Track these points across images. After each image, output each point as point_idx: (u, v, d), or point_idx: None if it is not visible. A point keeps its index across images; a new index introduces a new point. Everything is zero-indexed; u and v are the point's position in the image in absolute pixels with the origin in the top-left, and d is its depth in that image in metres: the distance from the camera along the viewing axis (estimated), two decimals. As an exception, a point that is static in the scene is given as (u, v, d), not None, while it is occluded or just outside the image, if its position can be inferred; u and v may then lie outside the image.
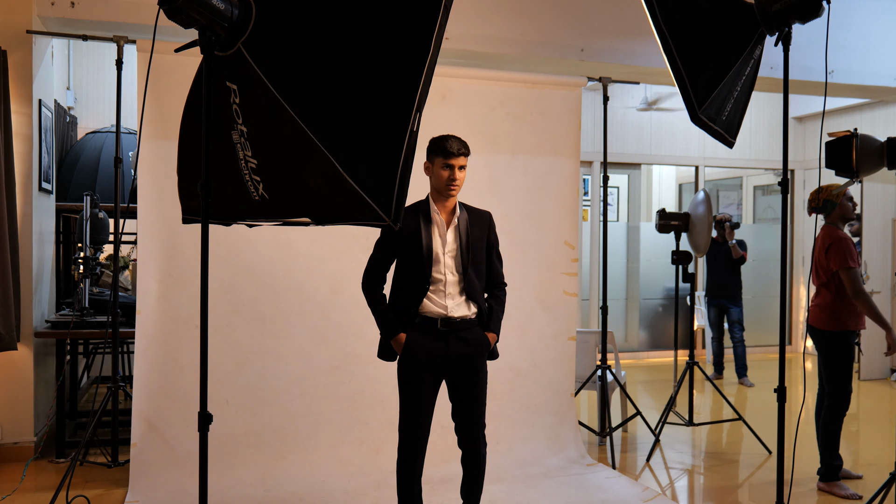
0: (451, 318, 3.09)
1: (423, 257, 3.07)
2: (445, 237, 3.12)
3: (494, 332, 3.20)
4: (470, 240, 3.14)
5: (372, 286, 3.18)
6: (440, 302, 3.09)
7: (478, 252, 3.17)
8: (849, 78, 6.30)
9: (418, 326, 3.09)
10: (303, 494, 4.04)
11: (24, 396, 4.58)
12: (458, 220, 3.15)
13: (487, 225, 3.24)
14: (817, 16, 2.81)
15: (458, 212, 3.16)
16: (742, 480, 4.58)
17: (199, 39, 2.32)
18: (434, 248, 3.09)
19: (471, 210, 3.23)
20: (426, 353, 3.08)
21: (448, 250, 3.11)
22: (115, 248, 4.08)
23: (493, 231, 3.27)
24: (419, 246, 3.08)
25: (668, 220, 5.39)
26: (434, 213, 3.13)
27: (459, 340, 3.11)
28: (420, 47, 2.23)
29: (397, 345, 3.11)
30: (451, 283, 3.10)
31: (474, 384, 3.17)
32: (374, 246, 3.21)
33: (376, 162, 2.29)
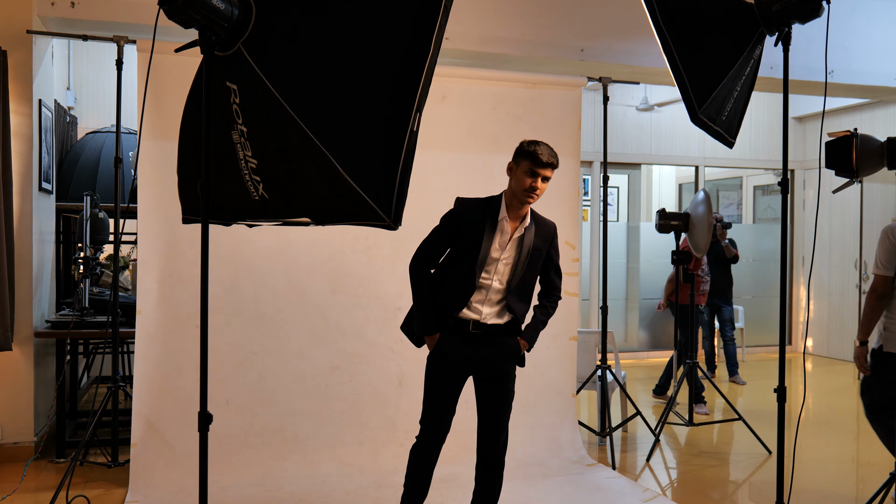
0: (482, 324, 3.05)
1: (478, 264, 2.99)
2: (506, 246, 3.04)
3: (527, 340, 3.13)
4: (529, 254, 3.06)
5: (420, 272, 3.07)
6: (478, 308, 3.04)
7: (534, 266, 3.10)
8: (849, 78, 6.30)
9: (451, 328, 3.05)
10: (303, 494, 4.04)
11: (24, 396, 4.57)
12: (525, 232, 3.06)
13: (551, 238, 3.16)
14: (817, 16, 2.81)
15: (526, 221, 3.08)
16: (742, 480, 4.58)
17: (199, 39, 2.32)
18: (490, 256, 3.01)
19: (538, 221, 3.14)
20: (455, 353, 3.05)
21: (503, 258, 3.03)
22: (115, 248, 4.08)
23: (555, 244, 3.19)
24: (477, 251, 2.99)
25: (668, 220, 5.39)
26: (503, 219, 3.04)
27: (490, 344, 3.07)
28: (420, 47, 2.23)
29: (429, 342, 3.08)
30: (495, 290, 3.04)
31: (501, 387, 3.12)
32: (432, 230, 3.10)
33: (376, 162, 2.29)
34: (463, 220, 3.03)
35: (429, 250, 3.09)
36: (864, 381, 3.98)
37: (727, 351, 7.56)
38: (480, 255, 2.98)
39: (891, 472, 3.51)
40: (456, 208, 3.08)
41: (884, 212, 7.84)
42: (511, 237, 3.04)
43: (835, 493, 4.37)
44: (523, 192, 2.99)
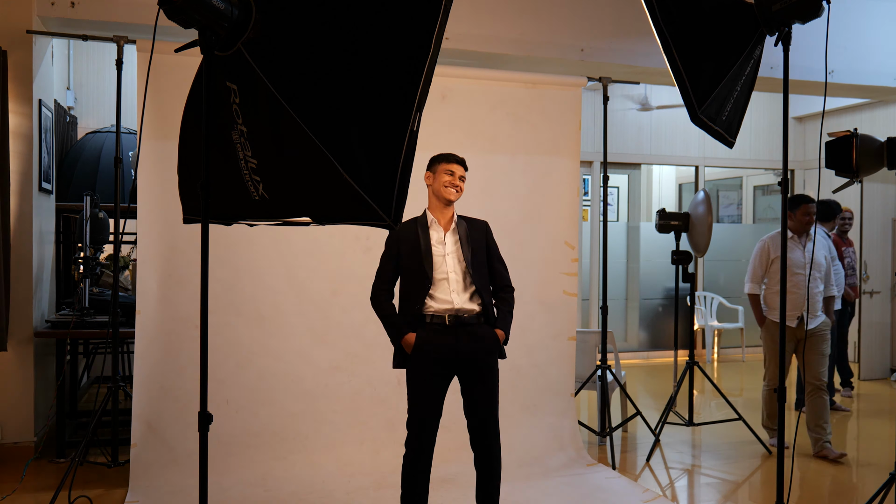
0: (459, 314, 3.13)
1: (422, 257, 3.16)
2: (445, 239, 3.21)
3: (503, 329, 3.25)
4: (470, 242, 3.23)
5: (379, 297, 3.24)
6: (446, 298, 3.14)
7: (478, 254, 3.25)
8: (849, 78, 6.30)
9: (427, 325, 3.14)
10: (303, 494, 4.04)
11: (25, 396, 4.58)
12: (457, 226, 3.26)
13: (485, 231, 3.33)
14: (817, 16, 2.81)
15: (455, 219, 3.28)
16: (742, 480, 4.58)
17: (199, 39, 2.32)
18: (434, 250, 3.18)
19: (468, 220, 3.33)
20: (436, 349, 3.12)
21: (449, 251, 3.19)
22: (115, 248, 4.08)
23: (490, 237, 3.35)
24: (418, 248, 3.17)
25: (668, 220, 5.39)
26: (432, 222, 3.25)
27: (469, 336, 3.15)
28: (420, 47, 2.23)
29: (407, 345, 3.15)
30: (455, 280, 3.17)
31: (486, 379, 3.20)
32: (379, 260, 3.29)
33: (376, 162, 2.28)
34: (399, 237, 3.22)
35: (381, 277, 3.26)
36: None
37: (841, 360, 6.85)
38: (423, 249, 3.16)
39: (891, 472, 3.51)
40: (390, 233, 3.24)
41: (884, 212, 7.85)
42: (445, 233, 3.23)
43: (835, 493, 4.37)
44: (445, 187, 3.21)
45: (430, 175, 3.28)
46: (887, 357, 7.84)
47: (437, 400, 3.15)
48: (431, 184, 3.27)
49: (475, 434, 3.22)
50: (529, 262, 4.75)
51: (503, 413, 4.63)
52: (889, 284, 7.84)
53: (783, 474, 3.08)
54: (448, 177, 3.22)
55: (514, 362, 4.73)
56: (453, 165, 3.24)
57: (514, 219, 4.71)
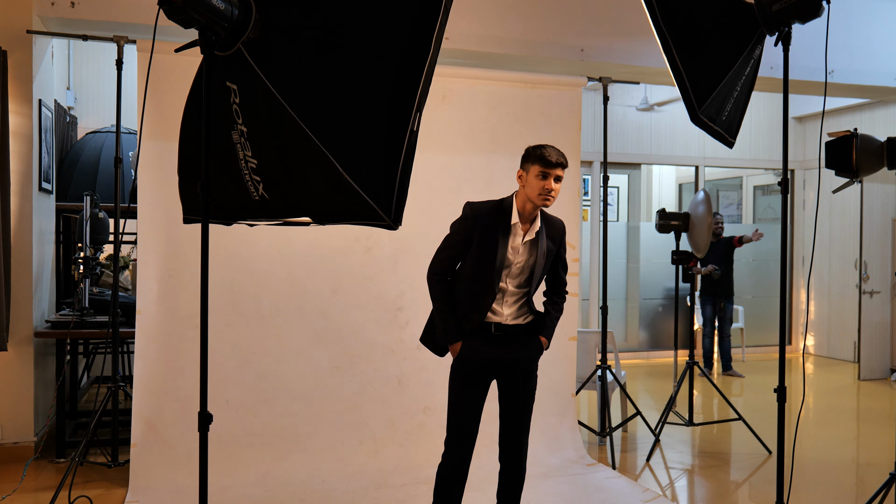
0: (504, 325, 3.04)
1: (496, 270, 2.97)
2: (519, 250, 3.02)
3: (547, 337, 3.13)
4: (542, 254, 3.05)
5: (439, 281, 3.05)
6: (499, 310, 3.04)
7: (546, 266, 3.10)
8: (849, 78, 6.30)
9: (472, 332, 3.03)
10: (303, 494, 4.04)
11: (24, 396, 4.57)
12: (536, 235, 3.04)
13: (561, 236, 3.14)
14: (817, 16, 2.81)
15: (537, 223, 3.05)
16: (742, 480, 4.58)
17: (199, 39, 2.32)
18: (507, 258, 3.00)
19: (548, 220, 3.12)
20: (480, 357, 3.03)
21: (517, 261, 3.02)
22: (115, 248, 4.08)
23: (563, 242, 3.17)
24: (493, 257, 2.97)
25: (668, 220, 5.39)
26: (515, 224, 3.02)
27: (513, 344, 3.06)
28: (420, 47, 2.23)
29: (453, 351, 3.06)
30: (512, 293, 3.04)
31: (525, 386, 3.10)
32: (443, 239, 3.09)
33: (376, 162, 2.29)
34: (476, 226, 3.00)
35: (444, 259, 3.06)
36: None
37: (724, 347, 7.91)
38: (497, 261, 2.96)
39: (891, 472, 3.51)
40: (467, 214, 3.03)
41: (883, 212, 7.85)
42: (524, 239, 3.02)
43: (835, 493, 4.37)
44: (538, 196, 2.96)
45: (523, 173, 3.01)
46: (887, 357, 7.84)
47: (477, 408, 3.07)
48: (523, 185, 3.01)
49: (507, 442, 3.13)
50: (529, 262, 4.74)
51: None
52: (889, 284, 7.84)
53: (783, 474, 3.08)
54: (542, 182, 2.95)
55: (514, 362, 4.73)
56: (551, 170, 2.95)
57: (514, 219, 4.71)
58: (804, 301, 9.28)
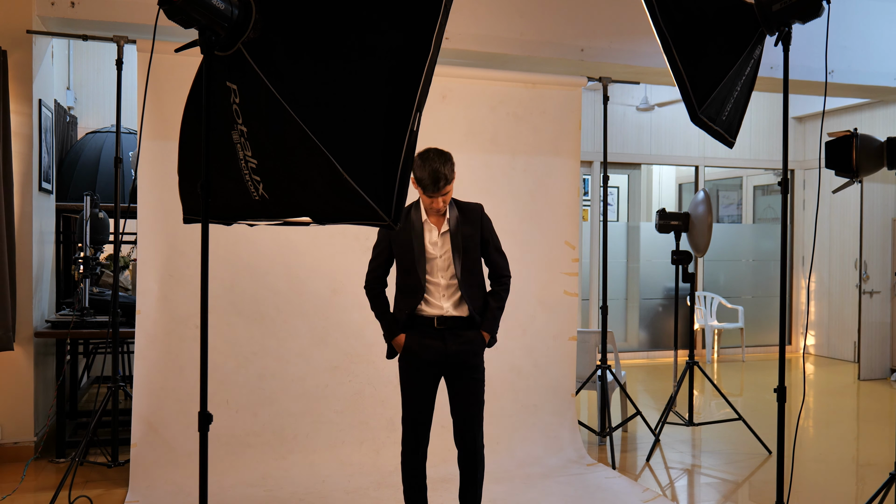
0: (446, 317, 3.15)
1: (416, 265, 3.14)
2: (437, 242, 3.16)
3: (488, 331, 3.22)
4: (462, 241, 3.16)
5: (373, 289, 3.27)
6: (436, 303, 3.16)
7: (471, 251, 3.19)
8: (849, 78, 6.30)
9: (416, 326, 3.17)
10: (303, 494, 4.04)
11: (24, 396, 4.58)
12: (449, 223, 3.17)
13: (479, 219, 3.23)
14: (817, 16, 2.81)
15: (447, 213, 3.18)
16: (742, 480, 4.59)
17: (199, 39, 2.32)
18: (426, 255, 3.15)
19: (461, 206, 3.23)
20: (424, 350, 3.15)
21: (441, 255, 3.16)
22: (115, 248, 4.08)
23: (486, 225, 3.25)
24: (411, 254, 3.15)
25: (668, 220, 5.39)
26: (425, 221, 3.17)
27: (456, 337, 3.16)
28: (420, 47, 2.22)
29: (397, 345, 3.20)
30: (444, 286, 3.16)
31: (471, 378, 3.20)
32: (372, 250, 3.28)
33: (376, 162, 2.28)
34: (391, 233, 3.19)
35: (373, 270, 3.27)
36: None
37: None
38: (416, 256, 3.13)
39: (891, 472, 3.51)
40: None
41: (884, 212, 7.85)
42: (439, 232, 3.16)
43: (835, 493, 4.37)
44: (428, 209, 3.15)
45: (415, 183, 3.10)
46: (887, 357, 7.84)
47: (427, 398, 3.19)
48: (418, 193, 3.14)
49: (459, 433, 3.23)
50: (530, 262, 4.75)
51: (503, 413, 4.66)
52: (889, 284, 7.84)
53: (783, 474, 3.08)
54: (428, 200, 3.10)
55: (515, 363, 4.73)
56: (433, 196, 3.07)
57: (514, 219, 4.71)
58: (804, 301, 9.28)
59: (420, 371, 3.18)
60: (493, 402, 4.68)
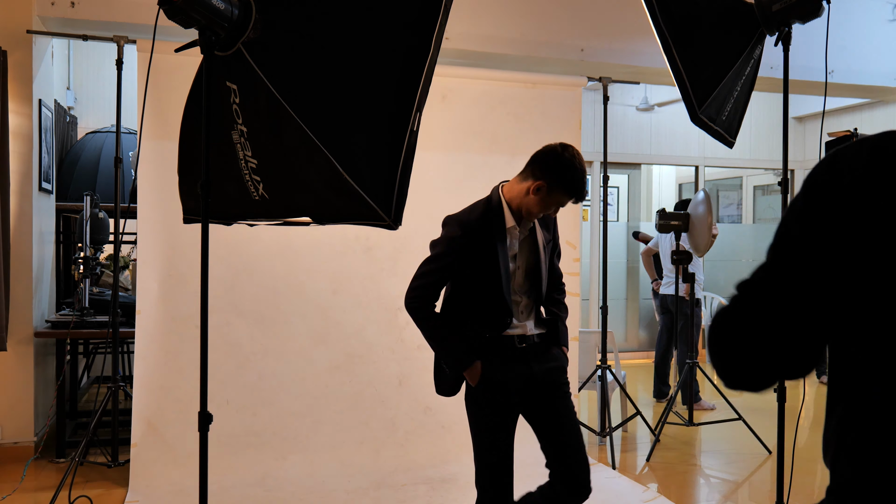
0: (527, 336, 2.64)
1: (504, 283, 2.54)
2: (518, 253, 2.65)
3: (566, 345, 2.78)
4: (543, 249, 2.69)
5: (426, 308, 2.61)
6: (519, 324, 2.63)
7: (548, 259, 2.74)
8: (849, 78, 6.30)
9: (491, 349, 2.58)
10: (303, 494, 4.04)
11: (24, 396, 4.57)
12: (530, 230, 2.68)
13: (554, 222, 2.79)
14: (817, 16, 2.81)
15: None
16: (742, 480, 4.58)
17: (199, 39, 2.32)
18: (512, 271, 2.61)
19: None
20: (509, 375, 2.59)
21: (520, 266, 2.65)
22: (115, 248, 4.08)
23: (556, 227, 2.81)
24: (496, 269, 2.54)
25: (668, 220, 5.39)
26: (511, 226, 2.62)
27: (540, 359, 2.66)
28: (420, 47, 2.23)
29: (471, 376, 2.56)
30: (525, 303, 2.67)
31: (567, 403, 2.73)
32: (423, 263, 2.64)
33: (376, 162, 2.29)
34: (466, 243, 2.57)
35: (428, 286, 2.60)
36: None
37: None
38: (503, 275, 2.55)
39: (891, 472, 3.50)
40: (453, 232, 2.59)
41: (884, 212, 7.83)
42: (521, 238, 2.66)
43: (835, 493, 4.37)
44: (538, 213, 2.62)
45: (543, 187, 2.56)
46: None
47: (511, 440, 2.66)
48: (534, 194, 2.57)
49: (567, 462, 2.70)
50: (529, 262, 4.75)
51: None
52: (889, 284, 7.83)
53: (783, 474, 3.08)
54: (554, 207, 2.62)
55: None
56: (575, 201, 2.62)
57: (514, 219, 4.71)
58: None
59: (505, 405, 2.59)
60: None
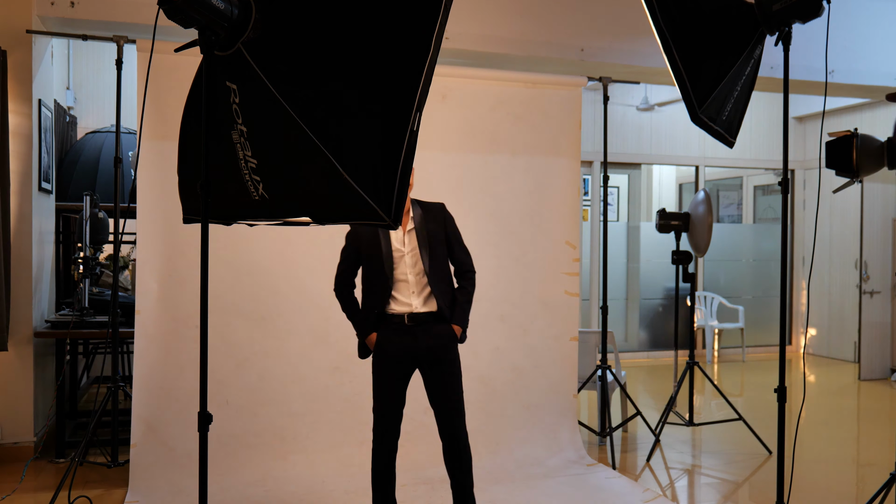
0: (416, 314, 3.21)
1: (384, 262, 3.20)
2: (403, 240, 3.22)
3: (458, 324, 3.29)
4: (427, 237, 3.24)
5: (342, 290, 3.32)
6: (405, 301, 3.21)
7: (437, 247, 3.26)
8: (849, 78, 6.30)
9: (387, 325, 3.23)
10: (303, 494, 4.04)
11: (24, 396, 4.57)
12: (413, 221, 3.24)
13: (442, 218, 3.31)
14: (817, 16, 2.81)
15: (411, 212, 3.26)
16: (742, 480, 4.58)
17: (199, 39, 2.32)
18: (394, 252, 3.21)
19: (424, 206, 3.31)
20: (395, 348, 3.22)
21: (408, 251, 3.22)
22: (115, 248, 4.08)
23: (449, 223, 3.33)
24: (378, 250, 3.20)
25: (668, 220, 5.39)
26: None
27: (427, 334, 3.23)
28: (420, 47, 2.22)
29: (370, 343, 3.27)
30: (414, 282, 3.22)
31: (445, 371, 3.26)
32: (340, 254, 3.33)
33: (376, 162, 2.28)
34: (358, 234, 3.26)
35: (342, 272, 3.32)
36: None
37: None
38: (383, 255, 3.19)
39: (891, 472, 3.51)
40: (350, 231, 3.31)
41: (884, 212, 7.85)
42: (404, 231, 3.23)
43: (835, 493, 4.37)
44: None
45: None
46: (887, 357, 7.84)
47: (398, 392, 3.26)
48: None
49: (441, 425, 3.28)
50: (530, 262, 4.75)
51: (503, 413, 4.66)
52: (889, 284, 7.84)
53: (783, 474, 3.08)
54: None
55: (515, 363, 4.73)
56: None
57: (514, 219, 4.71)
58: (804, 301, 9.28)
59: (392, 368, 3.24)
60: (494, 402, 4.68)
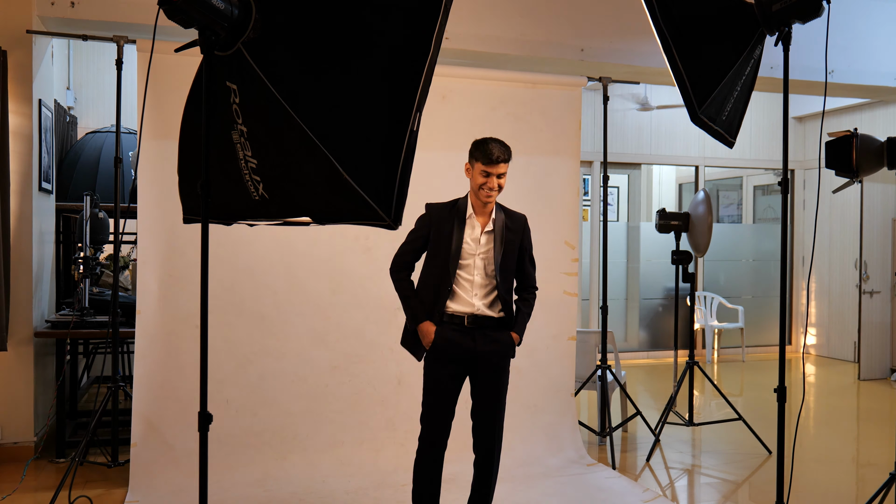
0: (478, 316, 3.11)
1: (451, 259, 3.08)
2: (479, 240, 3.12)
3: (518, 333, 3.21)
4: (504, 243, 3.14)
5: (399, 272, 3.18)
6: (467, 300, 3.11)
7: (510, 255, 3.17)
8: (849, 78, 6.30)
9: (446, 323, 3.11)
10: (303, 494, 4.04)
11: (24, 396, 4.57)
12: (494, 224, 3.15)
13: (522, 229, 3.23)
14: (817, 16, 2.81)
15: (493, 214, 3.17)
16: (742, 480, 4.58)
17: (199, 39, 2.32)
18: (465, 249, 3.10)
19: (507, 212, 3.23)
20: (454, 347, 3.10)
21: (481, 251, 3.11)
22: (115, 248, 4.08)
23: (527, 235, 3.26)
24: (448, 247, 3.09)
25: (668, 220, 5.39)
26: (470, 216, 3.14)
27: (486, 338, 3.13)
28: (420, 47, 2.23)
29: (423, 334, 3.10)
30: (479, 284, 3.11)
31: (497, 381, 3.18)
32: (407, 235, 3.18)
33: (376, 162, 2.29)
34: (432, 221, 3.14)
35: (404, 254, 3.18)
36: None
37: None
38: (453, 249, 3.08)
39: (891, 472, 3.51)
40: (427, 211, 3.19)
41: (884, 212, 7.85)
42: (482, 231, 3.13)
43: (835, 493, 4.37)
44: (478, 191, 3.09)
45: (469, 169, 3.14)
46: (887, 357, 7.84)
47: (451, 397, 3.14)
48: (470, 177, 3.13)
49: (479, 435, 3.19)
50: (529, 262, 4.75)
51: (503, 413, 4.65)
52: (889, 284, 7.84)
53: (783, 474, 3.08)
54: (482, 179, 3.08)
55: (515, 363, 4.68)
56: (490, 167, 3.05)
57: (514, 219, 4.71)
58: (804, 301, 9.28)
59: (447, 369, 3.11)
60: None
